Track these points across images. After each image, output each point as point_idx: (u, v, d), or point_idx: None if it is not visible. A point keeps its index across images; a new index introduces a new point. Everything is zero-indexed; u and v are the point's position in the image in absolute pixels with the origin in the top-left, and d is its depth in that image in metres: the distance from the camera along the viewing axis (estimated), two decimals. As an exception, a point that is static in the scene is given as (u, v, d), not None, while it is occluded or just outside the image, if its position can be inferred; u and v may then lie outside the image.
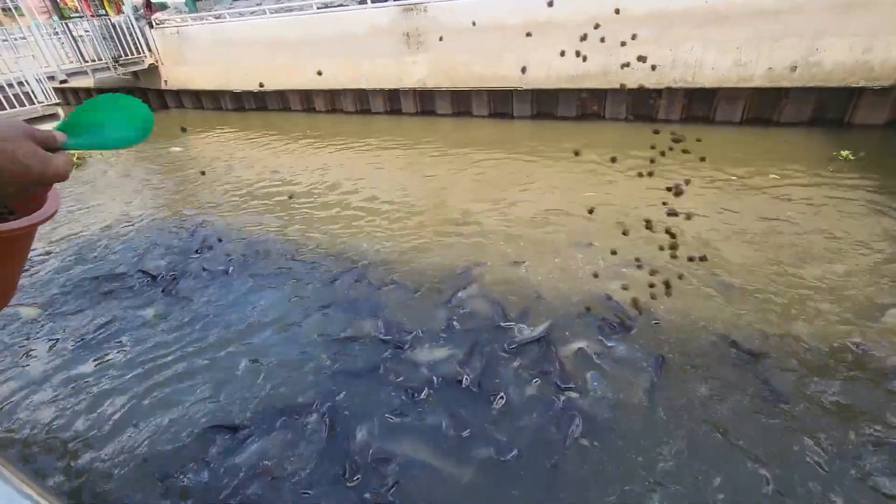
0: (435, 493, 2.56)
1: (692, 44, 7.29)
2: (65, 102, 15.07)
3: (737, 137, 7.34)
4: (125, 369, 3.66)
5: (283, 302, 4.33)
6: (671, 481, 2.51)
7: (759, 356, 3.22)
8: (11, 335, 4.20)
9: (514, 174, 6.83)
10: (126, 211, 6.88)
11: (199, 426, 3.09)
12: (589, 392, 3.08)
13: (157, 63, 13.55)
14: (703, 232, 4.74)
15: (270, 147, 9.59)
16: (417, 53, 9.70)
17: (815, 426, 2.74)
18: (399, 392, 3.19)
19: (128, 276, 4.97)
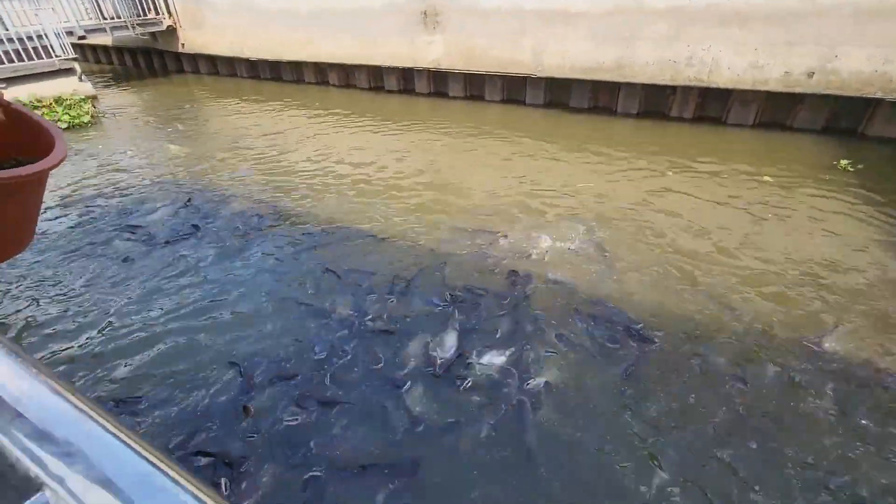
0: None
1: (710, 42, 7.21)
2: (82, 59, 15.17)
3: (746, 139, 7.31)
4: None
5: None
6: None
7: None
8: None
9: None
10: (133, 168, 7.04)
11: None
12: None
13: (175, 25, 13.55)
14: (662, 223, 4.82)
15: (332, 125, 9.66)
16: (434, 33, 9.65)
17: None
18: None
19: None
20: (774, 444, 2.72)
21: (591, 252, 4.53)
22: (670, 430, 2.82)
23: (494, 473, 2.60)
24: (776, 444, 2.72)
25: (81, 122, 9.39)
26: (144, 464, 0.31)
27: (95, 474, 0.31)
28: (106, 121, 9.88)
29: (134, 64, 16.44)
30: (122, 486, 0.30)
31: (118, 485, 0.30)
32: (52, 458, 0.33)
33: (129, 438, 0.34)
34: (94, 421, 0.35)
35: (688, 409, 2.94)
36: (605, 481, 2.55)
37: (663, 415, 2.91)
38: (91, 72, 13.58)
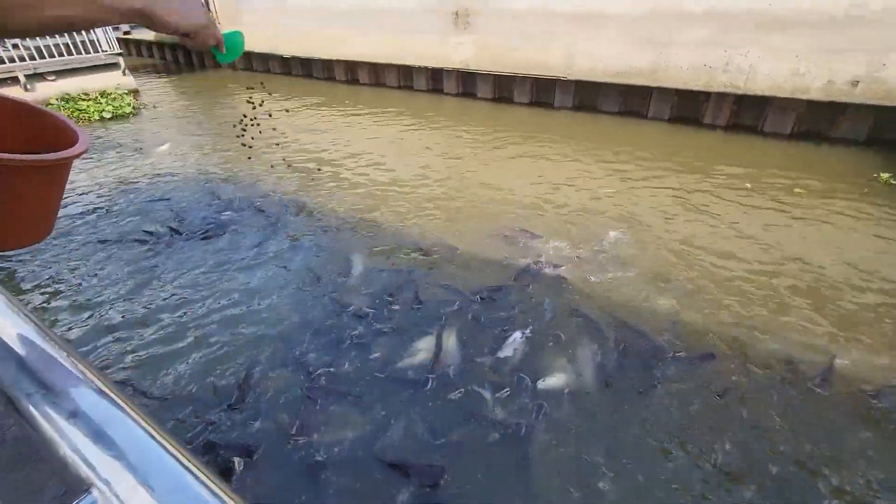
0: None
1: (748, 48, 6.98)
2: (126, 53, 15.76)
3: (782, 149, 7.06)
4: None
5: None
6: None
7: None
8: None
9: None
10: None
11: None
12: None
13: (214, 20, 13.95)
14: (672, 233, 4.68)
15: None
16: (464, 34, 9.66)
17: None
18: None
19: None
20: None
21: (614, 259, 4.47)
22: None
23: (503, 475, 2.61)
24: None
25: (123, 113, 9.78)
26: (186, 474, 0.34)
27: (140, 480, 0.34)
28: (146, 112, 10.26)
29: (174, 59, 17.02)
30: (162, 494, 0.33)
31: (159, 492, 0.33)
32: (102, 460, 0.36)
33: (171, 446, 0.36)
34: (141, 427, 0.38)
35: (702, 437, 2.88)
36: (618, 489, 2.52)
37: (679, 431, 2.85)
38: (133, 66, 14.11)
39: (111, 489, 0.34)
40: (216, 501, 0.32)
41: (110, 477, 0.34)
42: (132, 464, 0.35)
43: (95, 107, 9.64)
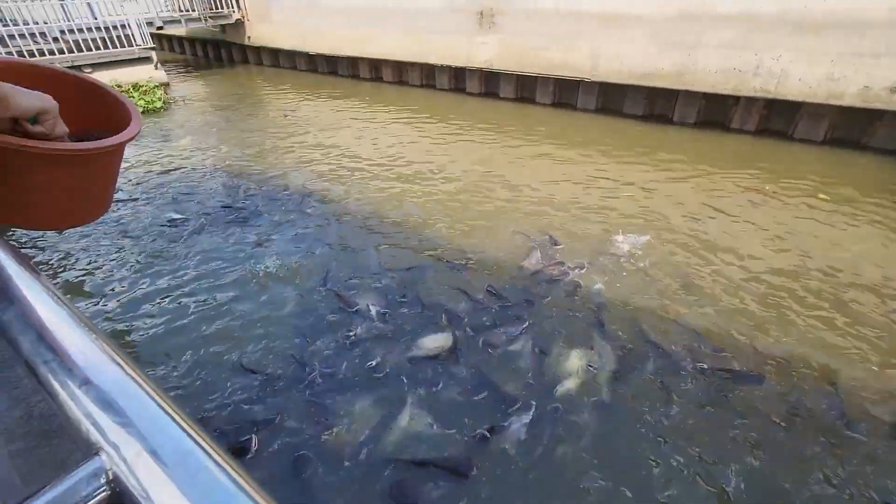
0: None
1: (781, 51, 6.78)
2: (159, 48, 16.20)
3: (814, 156, 6.83)
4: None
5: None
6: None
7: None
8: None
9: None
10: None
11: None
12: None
13: (243, 19, 14.25)
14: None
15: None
16: (488, 34, 9.63)
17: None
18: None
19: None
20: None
21: (636, 265, 4.40)
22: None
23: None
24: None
25: (154, 107, 10.07)
26: (188, 440, 0.35)
27: (145, 446, 0.35)
28: (175, 106, 10.54)
29: (203, 54, 17.44)
30: (165, 459, 0.34)
31: (162, 456, 0.34)
32: (110, 426, 0.37)
33: (176, 414, 0.38)
34: (149, 396, 0.39)
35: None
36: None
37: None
38: (164, 60, 14.52)
39: (119, 453, 0.35)
40: (216, 467, 0.33)
41: (118, 441, 0.36)
42: (138, 430, 0.36)
43: (128, 99, 9.94)
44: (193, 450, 0.35)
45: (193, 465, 0.34)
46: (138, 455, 0.35)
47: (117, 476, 0.34)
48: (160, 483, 0.33)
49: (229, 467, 0.34)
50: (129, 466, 0.35)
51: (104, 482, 0.34)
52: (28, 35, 9.49)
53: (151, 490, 0.33)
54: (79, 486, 0.35)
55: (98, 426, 0.37)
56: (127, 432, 0.36)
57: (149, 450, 0.35)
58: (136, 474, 0.34)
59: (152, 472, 0.34)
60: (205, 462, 0.34)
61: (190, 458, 0.35)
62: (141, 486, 0.34)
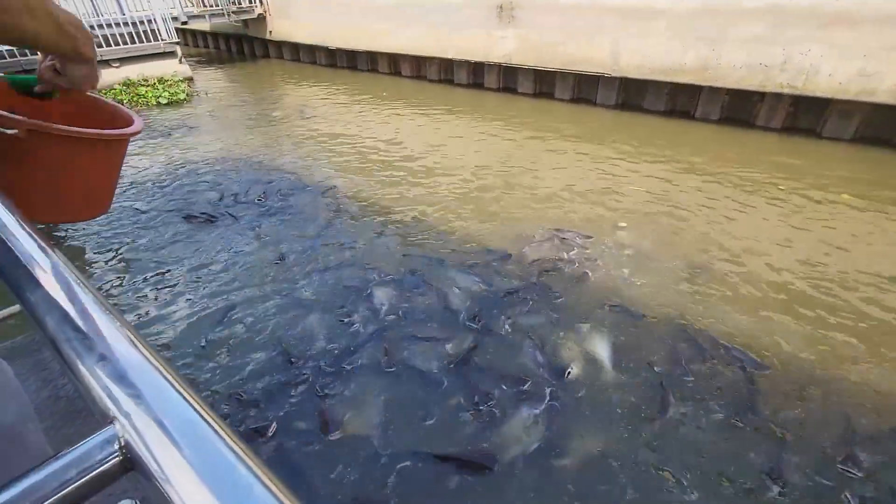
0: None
1: (810, 46, 6.56)
2: (184, 43, 16.56)
3: (842, 154, 6.61)
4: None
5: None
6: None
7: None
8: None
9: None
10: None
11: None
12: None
13: (265, 14, 14.44)
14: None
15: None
16: (508, 28, 9.56)
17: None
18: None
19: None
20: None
21: (658, 263, 4.35)
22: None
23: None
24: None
25: (178, 99, 10.31)
26: (192, 411, 0.38)
27: (154, 415, 0.39)
28: (199, 99, 10.77)
29: (226, 48, 17.75)
30: (172, 427, 0.37)
31: (169, 425, 0.37)
32: (124, 398, 0.41)
33: (182, 388, 0.41)
34: (158, 371, 0.43)
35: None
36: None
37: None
38: (188, 55, 14.82)
39: (130, 422, 0.39)
40: (216, 437, 0.36)
41: (130, 411, 0.39)
42: (148, 402, 0.40)
43: (153, 92, 10.21)
44: (197, 420, 0.38)
45: (197, 434, 0.37)
46: (148, 424, 0.38)
47: (129, 443, 0.38)
48: (166, 448, 0.36)
49: (228, 437, 0.37)
50: (139, 434, 0.38)
51: (117, 448, 0.38)
52: (60, 30, 9.78)
53: (158, 455, 0.36)
54: (94, 451, 0.38)
55: (113, 398, 0.41)
56: (137, 404, 0.39)
57: (157, 419, 0.38)
58: (145, 441, 0.37)
59: (160, 440, 0.37)
60: (207, 432, 0.37)
61: (194, 428, 0.38)
62: (150, 452, 0.37)
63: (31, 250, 0.64)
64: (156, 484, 0.35)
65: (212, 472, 0.35)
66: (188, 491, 0.34)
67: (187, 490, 0.34)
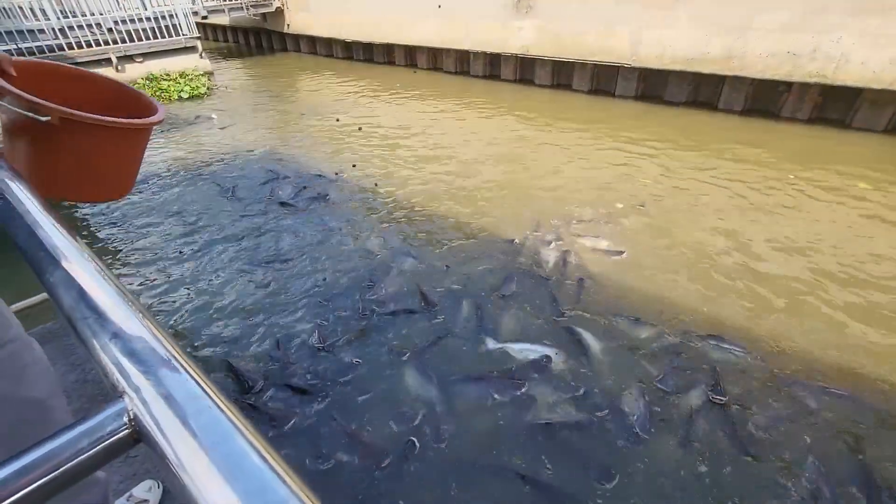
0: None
1: (840, 34, 6.31)
2: (204, 37, 16.80)
3: (874, 145, 6.37)
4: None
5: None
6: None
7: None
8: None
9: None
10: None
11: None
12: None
13: (283, 7, 14.54)
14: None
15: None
16: (525, 18, 9.44)
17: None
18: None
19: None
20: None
21: (679, 260, 4.27)
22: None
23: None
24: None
25: (199, 92, 10.49)
26: (196, 386, 0.40)
27: (161, 390, 0.40)
28: (219, 93, 10.94)
29: (245, 42, 17.96)
30: (177, 400, 0.39)
31: (175, 399, 0.39)
32: (133, 373, 0.42)
33: (187, 364, 0.43)
34: (165, 348, 0.44)
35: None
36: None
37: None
38: (208, 49, 15.03)
39: (139, 395, 0.40)
40: (219, 411, 0.37)
41: (139, 385, 0.41)
42: (156, 376, 0.41)
43: (175, 87, 10.41)
44: (201, 395, 0.40)
45: (201, 408, 0.39)
46: (155, 398, 0.39)
47: (137, 416, 0.39)
48: (172, 421, 0.38)
49: (229, 411, 0.38)
50: (147, 407, 0.39)
51: (126, 421, 0.40)
52: (85, 26, 10.04)
53: (165, 427, 0.38)
54: (105, 423, 0.40)
55: (124, 373, 0.43)
56: (146, 378, 0.41)
57: (164, 394, 0.40)
58: (153, 414, 0.39)
59: (166, 413, 0.38)
60: (210, 407, 0.39)
61: (198, 402, 0.39)
62: (156, 424, 0.38)
63: (52, 235, 0.67)
64: (162, 454, 0.37)
65: (214, 443, 0.37)
66: (192, 461, 0.36)
67: (191, 460, 0.36)
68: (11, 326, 1.07)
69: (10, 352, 1.04)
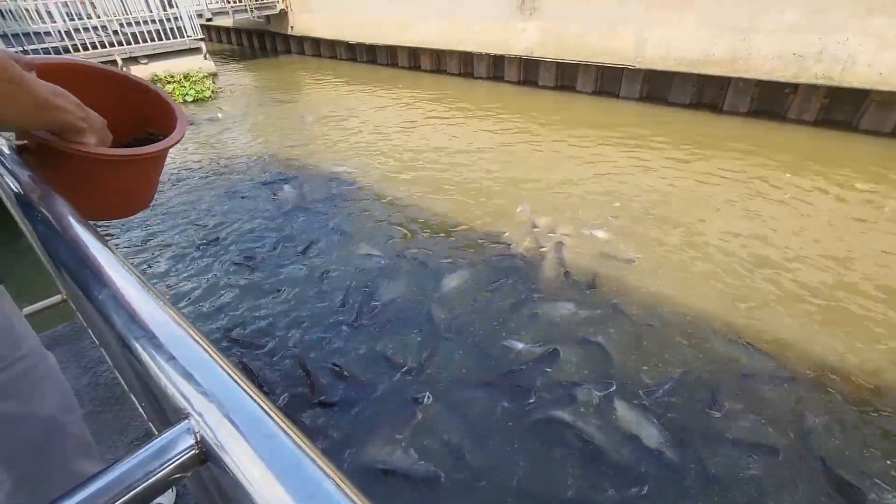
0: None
1: (847, 35, 6.29)
2: (208, 39, 16.84)
3: (879, 148, 6.35)
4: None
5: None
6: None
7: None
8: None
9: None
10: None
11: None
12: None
13: (287, 9, 14.57)
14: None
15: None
16: (529, 20, 9.44)
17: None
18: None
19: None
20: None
21: (687, 268, 4.27)
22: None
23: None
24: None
25: (204, 95, 10.53)
26: (257, 408, 0.41)
27: (224, 412, 0.41)
28: (223, 95, 10.98)
29: (249, 44, 18.00)
30: (240, 423, 0.40)
31: (238, 421, 0.40)
32: (195, 394, 0.44)
33: (246, 385, 0.44)
34: (221, 367, 0.46)
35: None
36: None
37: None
38: (212, 51, 15.08)
39: (203, 418, 0.42)
40: (282, 432, 0.39)
41: (203, 409, 0.42)
42: (218, 400, 0.43)
43: (180, 90, 10.44)
44: (262, 417, 0.41)
45: (265, 430, 0.40)
46: (220, 421, 0.40)
47: (203, 437, 0.40)
48: (237, 441, 0.39)
49: (295, 435, 0.39)
50: (212, 429, 0.41)
51: (193, 442, 0.41)
52: (91, 28, 10.09)
53: (231, 447, 0.39)
54: (173, 444, 0.41)
55: (184, 394, 0.44)
56: (209, 400, 0.42)
57: (226, 415, 0.41)
58: (217, 435, 0.40)
59: (231, 434, 0.40)
60: (273, 428, 0.40)
61: (262, 425, 0.40)
62: (222, 445, 0.40)
63: (94, 250, 0.68)
64: (230, 474, 0.38)
65: (285, 468, 0.37)
66: (259, 481, 0.37)
67: (259, 480, 0.37)
68: (27, 339, 1.04)
69: (24, 367, 1.01)
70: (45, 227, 0.76)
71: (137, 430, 2.30)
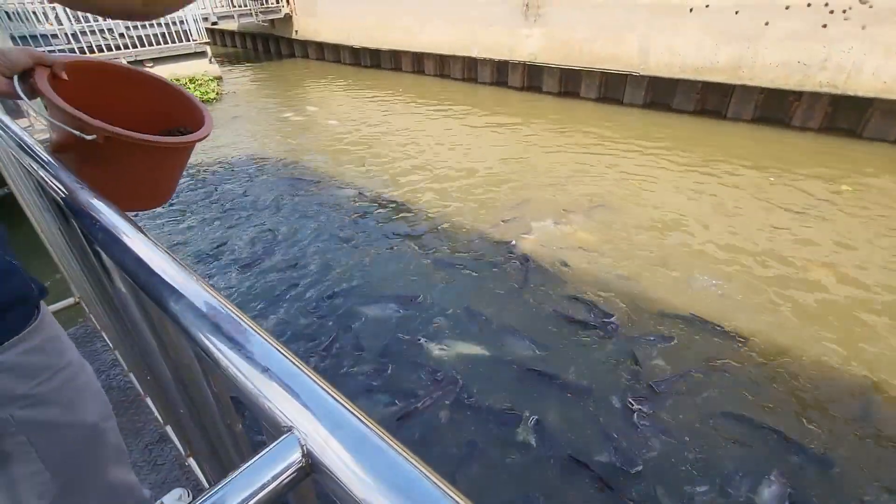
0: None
1: (852, 43, 6.34)
2: (212, 42, 16.89)
3: (885, 156, 6.39)
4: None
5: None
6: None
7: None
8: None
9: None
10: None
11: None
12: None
13: (291, 13, 14.64)
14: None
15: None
16: (534, 26, 9.49)
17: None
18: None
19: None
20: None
21: (695, 282, 4.29)
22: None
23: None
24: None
25: (208, 98, 10.56)
26: (361, 424, 0.42)
27: (326, 424, 0.42)
28: (228, 98, 11.01)
29: (253, 48, 18.07)
30: (344, 438, 0.41)
31: (341, 436, 0.41)
32: (295, 407, 0.45)
33: (345, 401, 0.45)
34: (316, 383, 0.47)
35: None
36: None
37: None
38: (217, 54, 15.13)
39: (306, 431, 0.43)
40: (390, 449, 0.40)
41: (305, 421, 0.43)
42: (318, 413, 0.44)
43: (185, 92, 10.47)
44: (367, 433, 0.41)
45: (369, 445, 0.41)
46: (325, 434, 0.42)
47: (310, 450, 0.42)
48: (344, 457, 0.40)
49: (406, 453, 0.40)
50: (316, 442, 0.42)
51: (300, 455, 0.42)
52: (97, 31, 10.13)
53: (337, 463, 0.40)
54: (281, 457, 0.42)
55: (284, 408, 0.45)
56: (310, 413, 0.44)
57: (330, 429, 0.42)
58: (323, 449, 0.41)
59: (337, 449, 0.41)
60: (379, 442, 0.41)
61: (367, 440, 0.41)
62: (329, 460, 0.41)
63: (162, 260, 0.68)
64: (338, 486, 0.39)
65: (394, 483, 0.38)
66: (365, 492, 0.38)
67: (365, 491, 0.38)
68: (68, 349, 1.05)
69: (67, 376, 1.02)
70: (96, 233, 0.76)
71: (152, 433, 2.29)
